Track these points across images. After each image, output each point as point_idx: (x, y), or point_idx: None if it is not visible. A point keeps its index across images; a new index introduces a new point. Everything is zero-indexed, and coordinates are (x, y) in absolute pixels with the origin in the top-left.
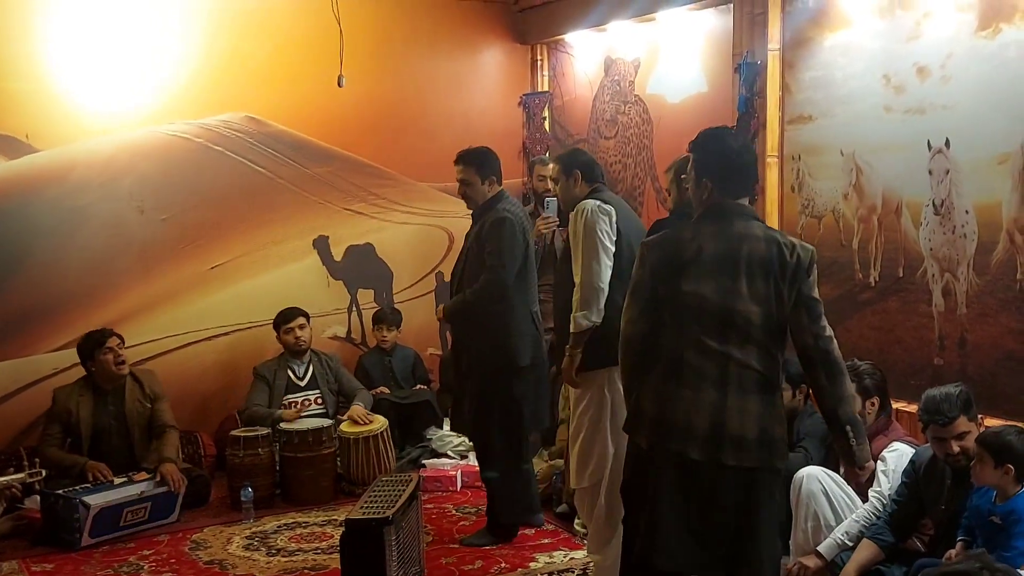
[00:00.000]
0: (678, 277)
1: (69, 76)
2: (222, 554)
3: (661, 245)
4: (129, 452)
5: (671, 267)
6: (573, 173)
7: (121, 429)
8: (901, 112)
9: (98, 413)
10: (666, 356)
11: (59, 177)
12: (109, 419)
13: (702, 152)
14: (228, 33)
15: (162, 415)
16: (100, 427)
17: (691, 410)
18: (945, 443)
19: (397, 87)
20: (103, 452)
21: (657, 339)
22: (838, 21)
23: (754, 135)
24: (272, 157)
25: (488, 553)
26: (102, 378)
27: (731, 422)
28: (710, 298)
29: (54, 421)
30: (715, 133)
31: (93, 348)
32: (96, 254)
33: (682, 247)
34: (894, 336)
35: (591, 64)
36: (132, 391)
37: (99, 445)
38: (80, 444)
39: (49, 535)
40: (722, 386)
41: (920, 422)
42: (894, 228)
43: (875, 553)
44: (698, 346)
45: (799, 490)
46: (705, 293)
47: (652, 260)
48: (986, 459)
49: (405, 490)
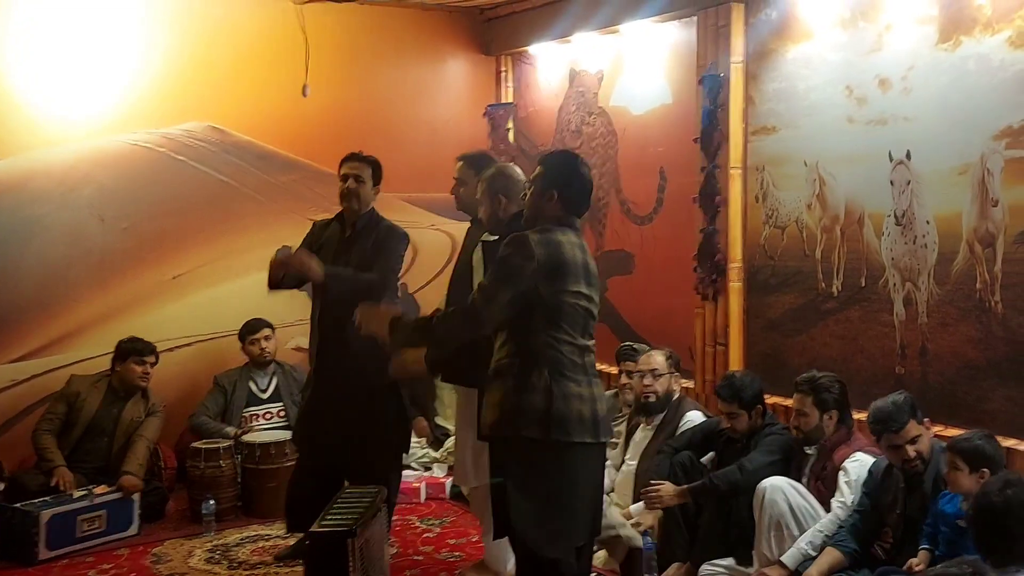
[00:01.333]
0: (562, 278)
1: (28, 83)
2: (183, 567)
3: (546, 244)
4: (108, 455)
5: (555, 267)
6: None
7: (111, 432)
8: (863, 123)
9: (101, 410)
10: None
11: (16, 186)
12: (107, 420)
13: (559, 168)
14: (191, 41)
15: (144, 426)
16: (96, 422)
17: (579, 403)
18: (900, 450)
19: (362, 97)
20: (87, 448)
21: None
22: (801, 33)
23: (718, 147)
24: (235, 166)
25: (453, 565)
26: (120, 382)
27: (599, 407)
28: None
29: (61, 400)
30: (572, 156)
31: (129, 353)
32: (54, 263)
33: (563, 250)
34: (856, 345)
35: (556, 75)
36: (136, 403)
37: (87, 439)
38: (72, 431)
39: (6, 549)
40: (588, 376)
41: (873, 434)
42: (856, 238)
43: (838, 559)
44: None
45: (762, 500)
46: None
47: (541, 256)
48: (960, 466)
49: (369, 502)
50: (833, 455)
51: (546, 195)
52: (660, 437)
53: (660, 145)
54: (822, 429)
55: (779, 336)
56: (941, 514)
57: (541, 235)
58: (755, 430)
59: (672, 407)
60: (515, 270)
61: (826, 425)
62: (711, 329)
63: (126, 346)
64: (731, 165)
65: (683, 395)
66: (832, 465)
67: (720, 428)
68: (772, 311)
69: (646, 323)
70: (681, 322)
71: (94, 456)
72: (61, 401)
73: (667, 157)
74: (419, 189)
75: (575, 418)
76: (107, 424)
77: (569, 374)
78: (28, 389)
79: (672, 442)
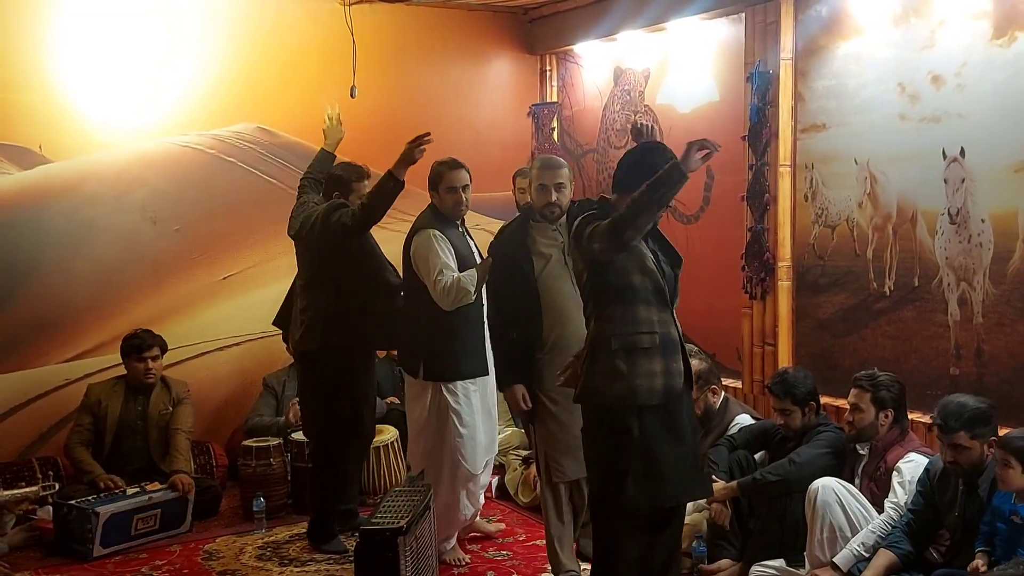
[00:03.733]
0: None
1: (83, 88)
2: (235, 564)
3: None
4: (147, 453)
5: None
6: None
7: (143, 429)
8: (916, 121)
9: (125, 411)
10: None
11: (71, 188)
12: (134, 418)
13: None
14: (241, 44)
15: (176, 418)
16: (124, 424)
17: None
18: (944, 449)
19: (408, 98)
20: (123, 451)
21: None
22: (851, 30)
23: (766, 144)
24: (284, 168)
25: (500, 564)
26: (132, 380)
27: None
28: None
29: (85, 412)
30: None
31: (128, 352)
32: (108, 265)
33: None
34: (910, 346)
35: (601, 74)
36: (160, 395)
37: (120, 443)
38: (103, 439)
39: (62, 546)
40: None
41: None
42: (909, 237)
43: (892, 562)
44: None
45: (814, 501)
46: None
47: None
48: (1012, 463)
49: (420, 500)
50: (886, 455)
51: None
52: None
53: None
54: (876, 427)
55: (829, 337)
56: (996, 511)
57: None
58: (808, 428)
59: (719, 413)
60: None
61: (881, 424)
62: (759, 329)
63: (126, 345)
64: (780, 163)
65: (728, 397)
66: (885, 466)
67: (774, 427)
68: (822, 311)
69: (693, 323)
70: (729, 322)
71: (133, 457)
72: (84, 412)
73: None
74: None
75: (676, 386)
76: (136, 423)
77: (667, 347)
78: (82, 388)
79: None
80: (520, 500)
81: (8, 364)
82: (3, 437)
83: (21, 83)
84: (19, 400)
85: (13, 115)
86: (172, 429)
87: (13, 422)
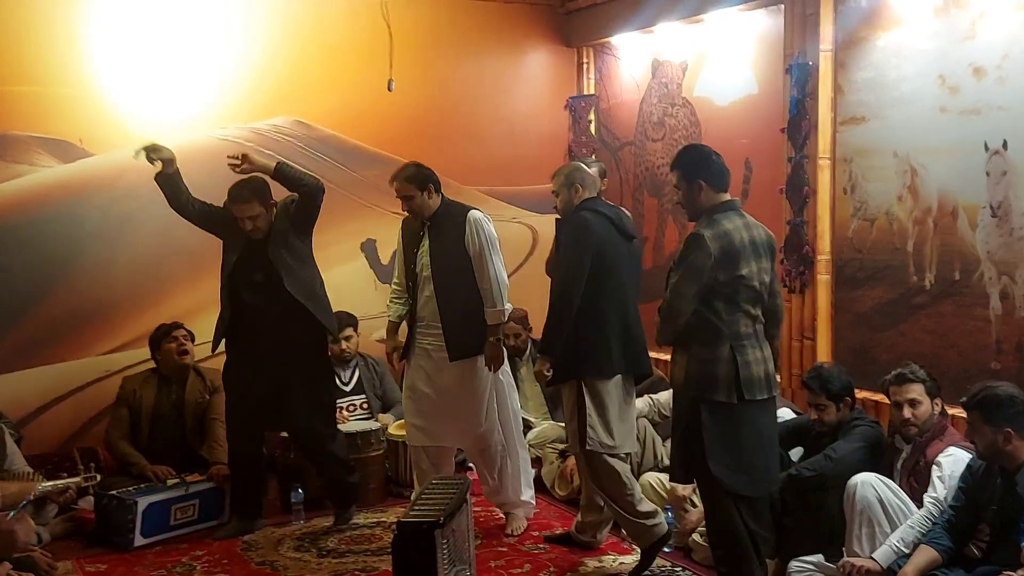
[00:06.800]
0: (736, 264)
1: (122, 82)
2: (273, 555)
3: (719, 238)
4: (182, 441)
5: (730, 256)
6: (427, 187)
7: (178, 418)
8: (956, 113)
9: (159, 400)
10: (729, 331)
11: (110, 182)
12: (169, 407)
13: (689, 160)
14: (279, 38)
15: (214, 407)
16: (159, 414)
17: (756, 367)
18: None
19: (445, 90)
20: (160, 441)
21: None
22: (891, 21)
23: (806, 136)
24: (321, 161)
25: (536, 557)
26: (166, 367)
27: (769, 367)
28: (753, 276)
29: (121, 404)
30: (693, 145)
31: (161, 338)
32: (145, 258)
33: (732, 239)
34: (949, 340)
35: (638, 66)
36: (194, 383)
37: (157, 432)
38: (140, 429)
39: (102, 536)
40: (760, 343)
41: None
42: (950, 231)
43: (932, 558)
44: (747, 315)
45: (853, 497)
46: (751, 273)
47: (715, 251)
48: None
49: (456, 493)
50: (926, 450)
51: (694, 187)
52: None
53: (745, 136)
54: (934, 418)
55: (868, 331)
56: None
57: (713, 230)
58: (843, 423)
59: None
60: (697, 267)
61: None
62: (798, 323)
63: (155, 334)
64: (819, 156)
65: None
66: (925, 460)
67: (810, 423)
68: (861, 305)
69: None
70: None
71: (170, 448)
72: (120, 405)
73: (753, 148)
74: (502, 182)
75: (755, 380)
76: (170, 412)
77: (746, 343)
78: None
79: None
80: (557, 493)
81: (48, 356)
82: (44, 428)
83: (61, 77)
84: (60, 392)
85: (54, 109)
86: (210, 419)
87: (54, 413)
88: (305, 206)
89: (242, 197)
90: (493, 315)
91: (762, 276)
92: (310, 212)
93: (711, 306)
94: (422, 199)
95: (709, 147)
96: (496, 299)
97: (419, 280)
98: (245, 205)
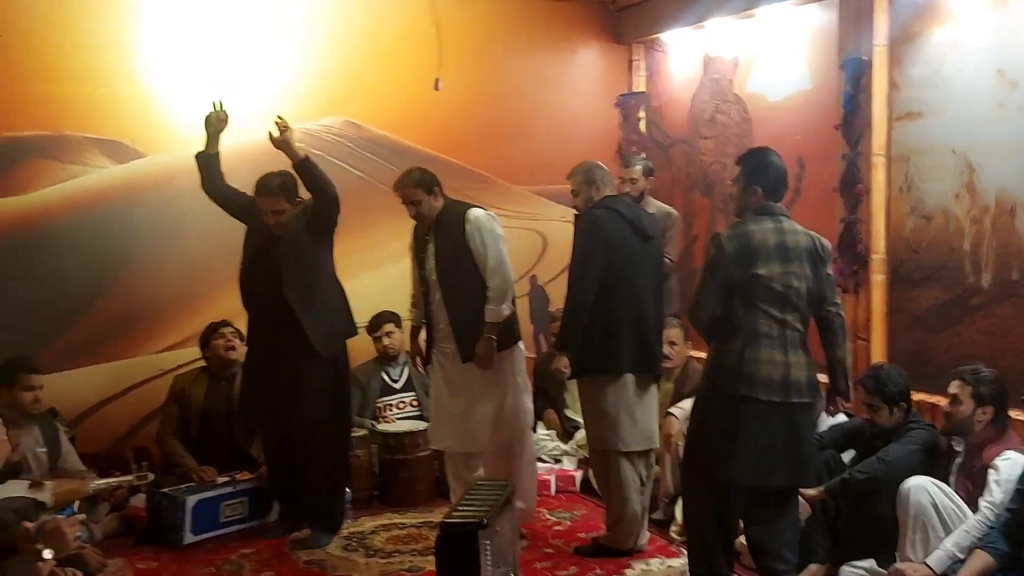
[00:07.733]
0: (752, 263)
1: (173, 82)
2: (321, 554)
3: (736, 237)
4: (231, 439)
5: (745, 255)
6: (433, 190)
7: (227, 416)
8: (1016, 109)
9: (209, 398)
10: (743, 328)
11: (162, 183)
12: (218, 405)
13: (755, 164)
14: (329, 38)
15: None
16: (209, 411)
17: (769, 368)
18: None
19: (493, 89)
20: (210, 437)
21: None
22: (947, 15)
23: (860, 133)
24: (370, 161)
25: (582, 560)
26: (215, 365)
27: (792, 372)
28: (774, 278)
29: (171, 402)
30: (766, 151)
31: (210, 335)
32: (196, 259)
33: (752, 239)
34: (1006, 343)
35: (689, 63)
36: None
37: (206, 430)
38: (190, 426)
39: (154, 533)
40: (782, 346)
41: None
42: (1008, 230)
43: (988, 563)
44: (767, 316)
45: (907, 501)
46: (772, 274)
47: (730, 249)
48: None
49: (501, 494)
50: (983, 453)
51: (749, 191)
52: None
53: (798, 133)
54: (972, 423)
55: (924, 332)
56: None
57: (734, 230)
58: (897, 426)
59: None
60: (712, 264)
61: (978, 420)
62: (852, 323)
63: (204, 332)
64: (874, 152)
65: None
66: (981, 463)
67: (864, 425)
68: (916, 306)
69: None
70: None
71: (219, 445)
72: (171, 403)
73: (806, 145)
74: (550, 181)
75: (760, 379)
76: (220, 409)
77: (762, 341)
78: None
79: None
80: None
81: (101, 355)
82: (97, 427)
83: (113, 78)
84: (113, 391)
85: (106, 109)
86: None
87: (106, 412)
88: (319, 211)
89: (269, 191)
90: (490, 313)
91: (789, 279)
92: (324, 218)
93: (730, 303)
94: (429, 202)
95: (779, 157)
96: (496, 298)
97: (429, 285)
98: (271, 199)
